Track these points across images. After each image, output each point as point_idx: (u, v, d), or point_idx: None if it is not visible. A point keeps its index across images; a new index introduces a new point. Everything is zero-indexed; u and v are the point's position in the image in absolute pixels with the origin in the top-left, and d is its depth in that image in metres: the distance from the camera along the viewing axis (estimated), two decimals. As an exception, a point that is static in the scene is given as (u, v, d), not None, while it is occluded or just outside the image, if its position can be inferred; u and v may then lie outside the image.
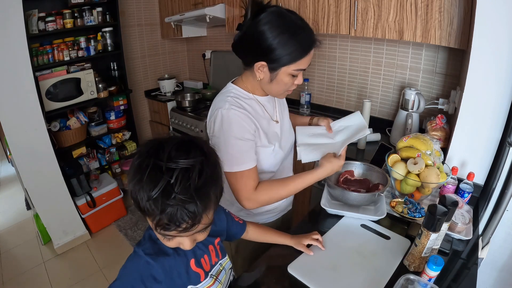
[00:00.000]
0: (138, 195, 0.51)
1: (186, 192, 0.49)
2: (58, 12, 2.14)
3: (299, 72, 0.86)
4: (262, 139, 0.93)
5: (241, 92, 0.93)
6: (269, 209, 1.09)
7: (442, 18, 1.26)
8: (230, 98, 0.89)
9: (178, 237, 0.56)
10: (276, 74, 0.85)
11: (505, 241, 1.20)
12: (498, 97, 1.05)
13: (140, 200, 0.51)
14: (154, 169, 0.50)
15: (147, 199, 0.50)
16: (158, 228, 0.53)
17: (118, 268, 0.61)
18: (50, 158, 2.06)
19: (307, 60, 0.85)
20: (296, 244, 0.89)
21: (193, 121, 2.51)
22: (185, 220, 0.51)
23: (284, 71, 0.84)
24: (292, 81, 0.88)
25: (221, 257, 0.74)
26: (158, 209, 0.49)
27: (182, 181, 0.49)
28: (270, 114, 0.98)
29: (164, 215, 0.50)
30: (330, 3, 1.61)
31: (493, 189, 1.14)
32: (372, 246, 0.91)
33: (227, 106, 0.87)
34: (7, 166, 3.64)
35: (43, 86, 2.08)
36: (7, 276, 2.05)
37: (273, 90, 0.91)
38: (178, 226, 0.51)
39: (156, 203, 0.49)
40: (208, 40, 3.00)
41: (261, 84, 0.91)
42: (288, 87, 0.90)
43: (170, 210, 0.49)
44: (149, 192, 0.49)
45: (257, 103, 0.95)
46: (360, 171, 1.17)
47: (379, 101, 1.92)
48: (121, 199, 2.56)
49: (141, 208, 0.52)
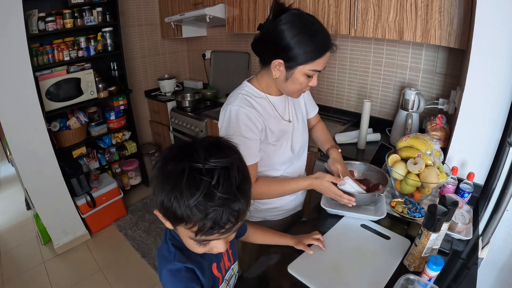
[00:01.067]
0: (174, 204, 0.48)
1: (229, 191, 0.48)
2: (58, 12, 2.14)
3: (314, 73, 0.88)
4: (269, 137, 0.96)
5: (253, 91, 0.97)
6: (276, 206, 1.10)
7: (442, 18, 1.26)
8: (241, 96, 0.94)
9: (214, 241, 0.54)
10: (292, 73, 0.87)
11: (505, 241, 1.20)
12: (498, 97, 1.05)
13: (176, 208, 0.48)
14: (192, 173, 0.47)
15: (187, 206, 0.47)
16: (199, 234, 0.49)
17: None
18: (50, 158, 2.06)
19: (323, 61, 0.87)
20: (297, 244, 0.89)
21: (193, 121, 2.51)
22: (230, 220, 0.49)
23: (300, 70, 0.86)
24: (307, 81, 0.89)
25: (233, 262, 0.74)
26: (202, 214, 0.47)
27: (224, 181, 0.48)
28: (280, 113, 1.01)
29: (208, 219, 0.47)
30: (330, 3, 1.61)
31: (493, 189, 1.14)
32: (372, 246, 0.91)
33: (237, 103, 0.91)
34: (7, 166, 3.64)
35: (43, 86, 2.08)
36: (7, 276, 2.05)
37: (288, 89, 0.93)
38: (222, 227, 0.49)
39: (199, 208, 0.47)
40: (208, 40, 3.00)
41: (276, 83, 0.94)
42: (302, 87, 0.92)
43: (215, 212, 0.47)
44: (190, 197, 0.46)
45: (268, 102, 0.98)
46: (360, 171, 1.17)
47: (379, 101, 1.92)
48: (121, 199, 2.56)
49: (177, 217, 0.49)
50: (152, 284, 1.91)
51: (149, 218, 2.58)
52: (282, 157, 1.02)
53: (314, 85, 0.92)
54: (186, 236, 0.53)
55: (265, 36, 0.88)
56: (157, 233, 2.38)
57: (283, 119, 1.01)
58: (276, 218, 1.13)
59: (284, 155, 1.02)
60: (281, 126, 1.00)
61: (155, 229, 2.43)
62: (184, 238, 0.55)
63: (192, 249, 0.57)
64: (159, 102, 2.90)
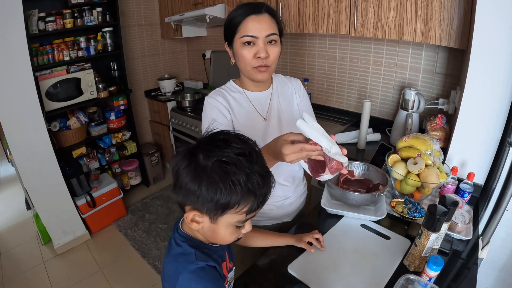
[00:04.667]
0: (229, 190, 0.51)
1: (264, 167, 0.56)
2: (58, 12, 2.14)
3: (249, 39, 0.89)
4: (236, 129, 0.94)
5: (231, 86, 1.04)
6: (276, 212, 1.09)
7: (442, 18, 1.26)
8: (218, 89, 1.02)
9: (247, 221, 0.59)
10: (234, 49, 0.94)
11: (505, 241, 1.20)
12: (498, 97, 1.05)
13: (233, 194, 0.52)
14: (237, 158, 0.52)
15: (243, 187, 0.52)
16: (250, 213, 0.55)
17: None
18: (50, 158, 2.06)
19: (249, 25, 0.89)
20: (297, 242, 0.90)
21: (193, 121, 2.51)
22: (269, 192, 0.57)
23: (236, 42, 0.92)
24: (248, 53, 0.91)
25: (233, 264, 0.74)
26: (256, 190, 0.53)
27: (258, 159, 0.55)
28: (258, 109, 1.02)
29: (259, 195, 0.54)
30: (330, 3, 1.61)
31: (493, 189, 1.14)
32: (372, 246, 0.91)
33: (209, 95, 1.00)
34: (7, 166, 3.63)
35: (43, 86, 2.08)
36: (7, 276, 2.05)
37: (241, 68, 0.97)
38: (265, 200, 0.57)
39: (253, 186, 0.53)
40: (208, 40, 3.00)
41: (240, 69, 0.99)
42: (249, 61, 0.92)
43: (263, 187, 0.55)
44: (246, 178, 0.52)
45: (244, 97, 1.02)
46: (360, 171, 1.17)
47: (379, 101, 1.92)
48: (121, 199, 2.56)
49: (230, 204, 0.53)
50: (152, 284, 1.91)
51: (149, 218, 2.58)
52: None
53: (261, 55, 0.89)
54: (228, 223, 0.56)
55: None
56: (157, 233, 2.38)
57: (259, 115, 1.02)
58: (276, 222, 1.12)
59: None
60: (252, 122, 1.00)
61: (155, 229, 2.43)
62: (224, 227, 0.57)
63: (224, 239, 0.60)
64: (159, 102, 2.90)
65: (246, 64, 0.93)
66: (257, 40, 0.89)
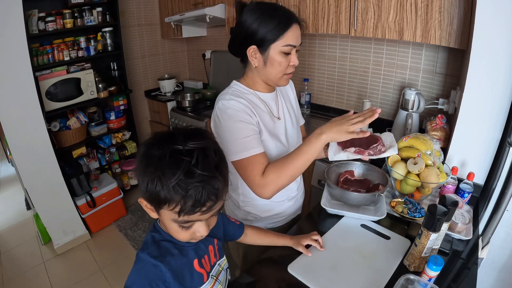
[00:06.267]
0: (158, 185, 0.51)
1: (208, 169, 0.52)
2: (58, 12, 2.14)
3: (289, 48, 0.87)
4: (263, 132, 0.93)
5: (242, 88, 0.96)
6: (277, 213, 1.09)
7: (442, 18, 1.26)
8: (231, 92, 0.93)
9: (195, 224, 0.57)
10: (267, 55, 0.88)
11: (505, 241, 1.20)
12: (498, 97, 1.05)
13: (160, 189, 0.51)
14: (173, 155, 0.51)
15: (170, 185, 0.50)
16: (182, 214, 0.53)
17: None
18: (50, 158, 2.06)
19: (292, 35, 0.86)
20: (295, 245, 0.89)
21: (193, 121, 2.51)
22: (210, 198, 0.53)
23: (274, 49, 0.86)
24: (285, 61, 0.89)
25: (219, 258, 0.74)
26: (184, 191, 0.50)
27: (203, 160, 0.52)
28: (272, 110, 0.99)
29: (189, 196, 0.51)
30: (330, 3, 1.61)
31: (493, 189, 1.14)
32: (372, 246, 0.91)
33: (228, 97, 0.90)
34: (7, 166, 3.63)
35: (43, 86, 2.08)
36: (7, 276, 2.05)
37: (271, 74, 0.91)
38: (204, 205, 0.53)
39: (181, 186, 0.50)
40: (208, 40, 2.99)
41: (259, 74, 0.94)
42: (283, 69, 0.90)
43: (195, 189, 0.51)
44: (172, 176, 0.50)
45: (258, 99, 0.97)
46: (360, 171, 1.17)
47: (379, 101, 1.91)
48: (121, 199, 2.56)
49: (161, 199, 0.52)
50: (152, 284, 1.90)
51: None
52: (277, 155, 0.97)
53: (295, 63, 0.90)
54: (169, 219, 0.56)
55: (234, 33, 0.92)
56: (157, 233, 2.38)
57: (273, 115, 1.00)
58: (276, 225, 1.11)
59: (279, 153, 0.98)
60: (273, 122, 0.98)
61: (155, 229, 2.42)
62: (168, 223, 0.57)
63: (176, 235, 0.59)
64: (159, 102, 2.90)
65: (280, 71, 0.91)
66: (294, 49, 0.89)
